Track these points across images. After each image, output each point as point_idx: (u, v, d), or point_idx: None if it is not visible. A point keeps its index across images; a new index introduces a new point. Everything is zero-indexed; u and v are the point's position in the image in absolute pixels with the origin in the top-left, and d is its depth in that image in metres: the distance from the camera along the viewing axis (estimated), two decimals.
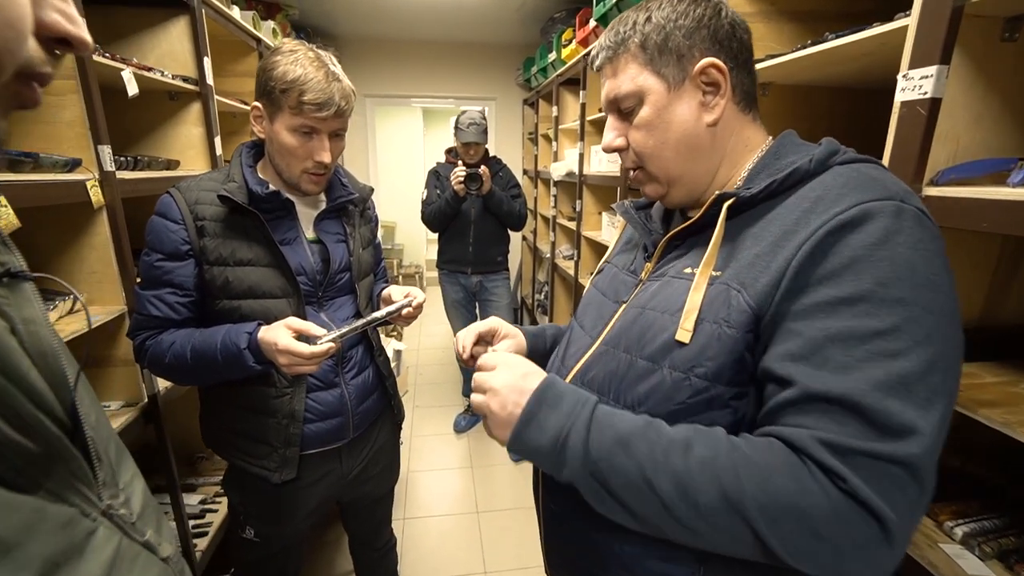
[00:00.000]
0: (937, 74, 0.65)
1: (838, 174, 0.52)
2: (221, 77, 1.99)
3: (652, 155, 0.61)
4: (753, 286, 0.50)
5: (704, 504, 0.46)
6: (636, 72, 0.59)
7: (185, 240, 0.93)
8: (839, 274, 0.46)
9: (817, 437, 0.44)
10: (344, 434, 1.08)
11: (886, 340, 0.44)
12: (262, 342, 0.88)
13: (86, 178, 1.05)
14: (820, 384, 0.44)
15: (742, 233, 0.54)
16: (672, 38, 0.57)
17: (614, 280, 0.71)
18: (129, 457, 0.45)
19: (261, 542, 1.10)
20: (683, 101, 0.58)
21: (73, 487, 0.34)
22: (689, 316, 0.53)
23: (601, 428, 0.51)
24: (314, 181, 0.99)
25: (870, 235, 0.45)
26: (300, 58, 0.90)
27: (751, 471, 0.45)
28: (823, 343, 0.45)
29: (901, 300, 0.44)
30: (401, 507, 2.18)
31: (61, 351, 0.38)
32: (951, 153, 0.72)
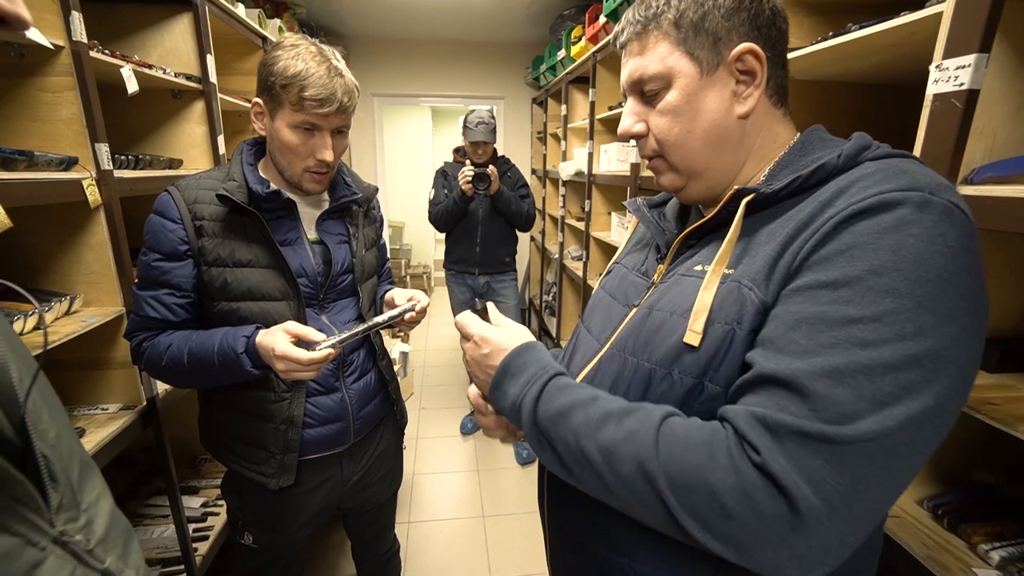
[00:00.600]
0: (976, 63, 0.60)
1: (868, 169, 0.47)
2: (226, 75, 1.98)
3: (676, 144, 0.56)
4: (766, 282, 0.47)
5: (624, 473, 0.46)
6: (667, 52, 0.54)
7: (183, 240, 0.91)
8: (831, 259, 0.43)
9: (751, 411, 0.42)
10: (345, 439, 1.05)
11: (859, 328, 0.40)
12: (260, 347, 0.85)
13: (82, 177, 1.03)
14: (773, 365, 0.43)
15: (760, 230, 0.51)
16: (710, 17, 0.52)
17: (623, 282, 0.67)
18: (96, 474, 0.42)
19: (260, 549, 1.08)
20: (715, 88, 0.53)
21: (16, 514, 0.31)
22: (698, 317, 0.49)
23: (549, 399, 0.53)
24: (316, 180, 0.96)
25: (879, 224, 0.41)
26: (302, 52, 0.87)
27: (669, 443, 0.45)
28: (791, 326, 0.43)
29: (893, 291, 0.40)
30: (406, 510, 2.16)
31: (11, 361, 0.34)
32: (987, 149, 0.67)
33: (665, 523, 0.45)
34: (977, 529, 0.74)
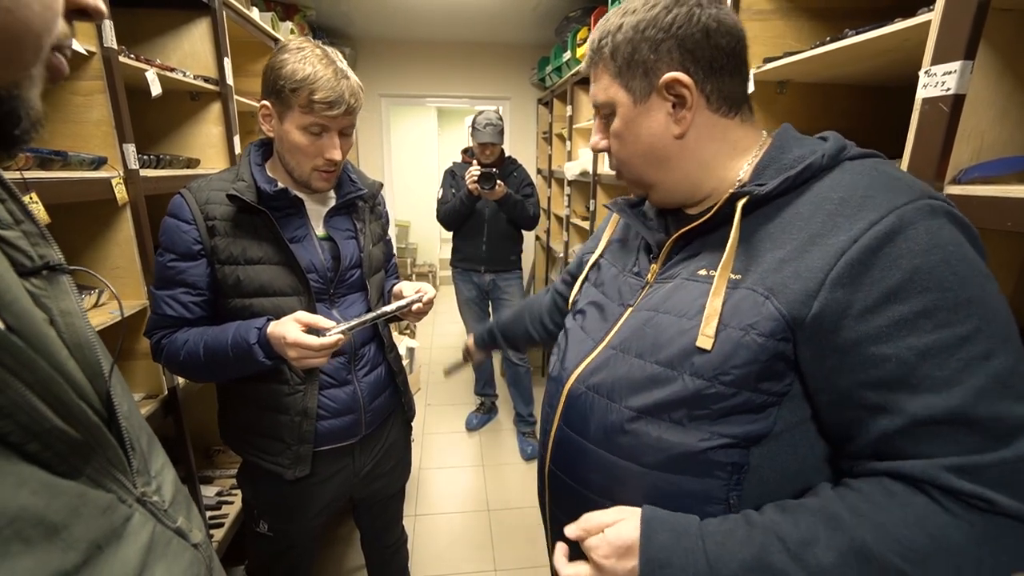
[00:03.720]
0: (961, 70, 0.63)
1: (855, 172, 0.51)
2: (240, 77, 2.03)
3: (624, 163, 0.63)
4: (784, 293, 0.49)
5: None
6: (608, 83, 0.59)
7: (197, 240, 0.94)
8: (905, 288, 0.45)
9: (942, 465, 0.43)
10: (356, 431, 1.09)
11: (974, 344, 0.43)
12: (271, 336, 0.88)
13: (111, 176, 1.08)
14: (925, 407, 0.44)
15: (758, 233, 0.53)
16: (639, 51, 0.56)
17: (615, 281, 0.69)
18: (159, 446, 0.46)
19: (274, 536, 1.12)
20: (650, 114, 0.58)
21: (111, 474, 0.35)
22: (710, 321, 0.52)
23: (724, 562, 0.48)
24: (324, 178, 0.99)
25: (917, 242, 0.45)
26: (308, 56, 0.89)
27: (888, 536, 0.44)
28: (915, 363, 0.44)
29: (972, 299, 0.44)
30: (412, 504, 2.20)
31: (96, 342, 0.39)
32: (975, 151, 0.70)
33: None
34: None
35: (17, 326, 0.32)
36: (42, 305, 0.37)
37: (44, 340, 0.34)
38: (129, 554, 0.34)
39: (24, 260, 0.37)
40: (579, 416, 0.63)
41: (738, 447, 0.52)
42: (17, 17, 0.25)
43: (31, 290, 0.37)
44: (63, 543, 0.29)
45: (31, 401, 0.29)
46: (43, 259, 0.38)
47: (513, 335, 1.10)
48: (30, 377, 0.29)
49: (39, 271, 0.38)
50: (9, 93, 0.27)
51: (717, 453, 0.52)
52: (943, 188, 0.69)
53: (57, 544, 0.29)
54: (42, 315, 0.36)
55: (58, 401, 0.31)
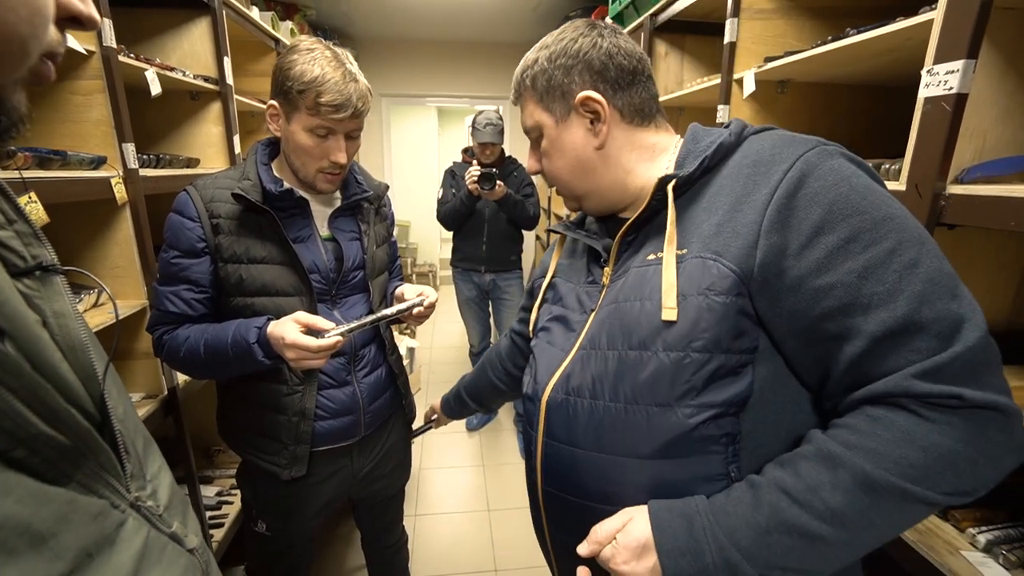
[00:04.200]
0: (964, 69, 0.63)
1: (759, 141, 0.56)
2: (240, 77, 2.03)
3: (555, 178, 0.68)
4: (728, 251, 0.52)
5: (875, 516, 0.46)
6: (532, 109, 0.66)
7: (201, 237, 0.94)
8: (828, 220, 0.49)
9: (909, 373, 0.46)
10: (355, 432, 1.08)
11: (901, 255, 0.47)
12: (271, 336, 0.88)
13: (111, 175, 1.07)
14: (879, 324, 0.46)
15: (689, 211, 0.57)
16: (554, 78, 0.63)
17: (572, 294, 0.72)
18: (156, 449, 0.46)
19: (273, 536, 1.11)
20: (571, 130, 0.64)
21: (102, 479, 0.35)
22: (669, 293, 0.54)
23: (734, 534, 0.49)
24: (329, 180, 0.99)
25: (825, 179, 0.50)
26: (318, 57, 0.89)
27: (885, 461, 0.46)
28: (858, 284, 0.47)
29: (886, 217, 0.48)
30: (413, 504, 2.19)
31: (91, 344, 0.38)
32: (977, 150, 0.70)
33: (924, 516, 0.48)
34: (966, 515, 0.76)
35: (9, 328, 0.32)
36: (35, 306, 0.36)
37: (37, 342, 0.33)
38: (122, 561, 0.33)
39: (17, 260, 0.37)
40: (563, 425, 0.63)
41: (727, 415, 0.53)
42: (2, 21, 0.25)
43: (24, 291, 0.36)
44: (50, 552, 0.28)
45: (15, 407, 0.29)
46: (36, 259, 0.38)
47: (479, 394, 1.12)
48: (14, 383, 0.29)
49: (32, 271, 0.37)
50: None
51: (709, 427, 0.53)
52: (945, 187, 0.69)
53: (44, 554, 0.28)
54: (35, 316, 0.36)
55: (45, 406, 0.31)
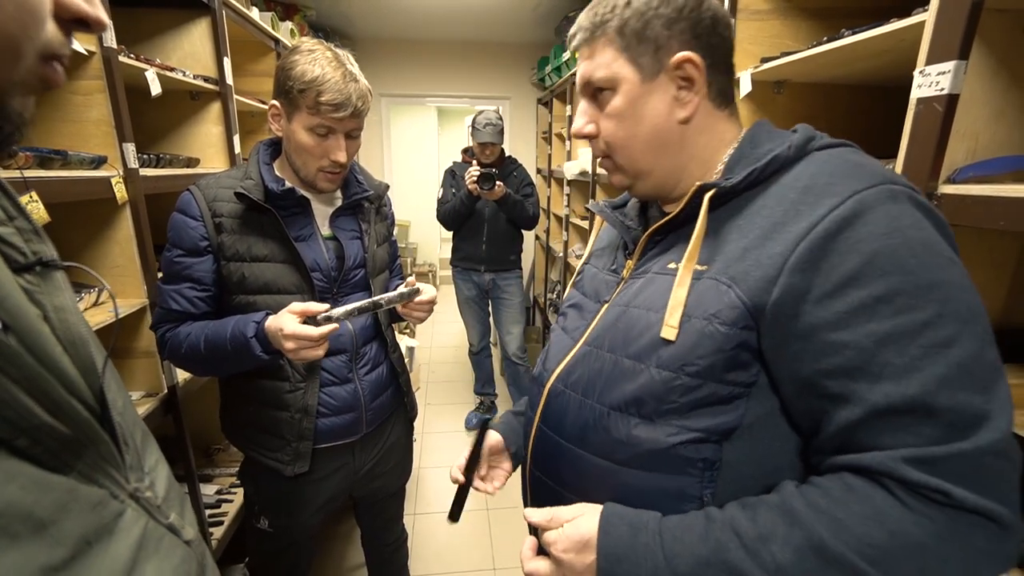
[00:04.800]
0: (955, 70, 0.63)
1: (820, 161, 0.51)
2: (240, 77, 2.03)
3: (621, 146, 0.59)
4: (745, 280, 0.48)
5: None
6: (612, 58, 0.56)
7: (204, 236, 0.96)
8: (864, 272, 0.43)
9: (900, 456, 0.42)
10: (357, 429, 1.09)
11: (935, 330, 0.42)
12: (268, 330, 0.89)
13: (111, 175, 1.08)
14: (884, 396, 0.42)
15: (726, 225, 0.53)
16: (651, 27, 0.54)
17: (594, 280, 0.69)
18: (154, 443, 0.47)
19: (275, 532, 1.12)
20: (656, 94, 0.56)
21: (102, 470, 0.35)
22: (674, 312, 0.52)
23: (679, 558, 0.47)
24: (329, 179, 1.00)
25: (877, 225, 0.44)
26: (318, 58, 0.91)
27: (847, 533, 0.42)
28: (874, 350, 0.43)
29: (933, 283, 0.42)
30: (412, 503, 2.20)
31: (90, 338, 0.39)
32: (970, 150, 0.71)
33: None
34: None
35: (10, 322, 0.32)
36: (36, 301, 0.37)
37: (38, 336, 0.34)
38: (120, 550, 0.34)
39: (18, 256, 0.37)
40: (556, 415, 0.63)
41: (709, 442, 0.51)
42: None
43: (25, 286, 0.37)
44: (51, 538, 0.29)
45: (18, 397, 0.29)
46: (36, 255, 0.38)
47: None
48: (17, 374, 0.29)
49: (33, 267, 0.38)
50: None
51: (687, 448, 0.51)
52: (937, 187, 0.70)
53: (45, 539, 0.29)
54: (36, 311, 0.36)
55: (47, 397, 0.31)
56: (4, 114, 0.28)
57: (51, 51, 0.29)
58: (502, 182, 2.29)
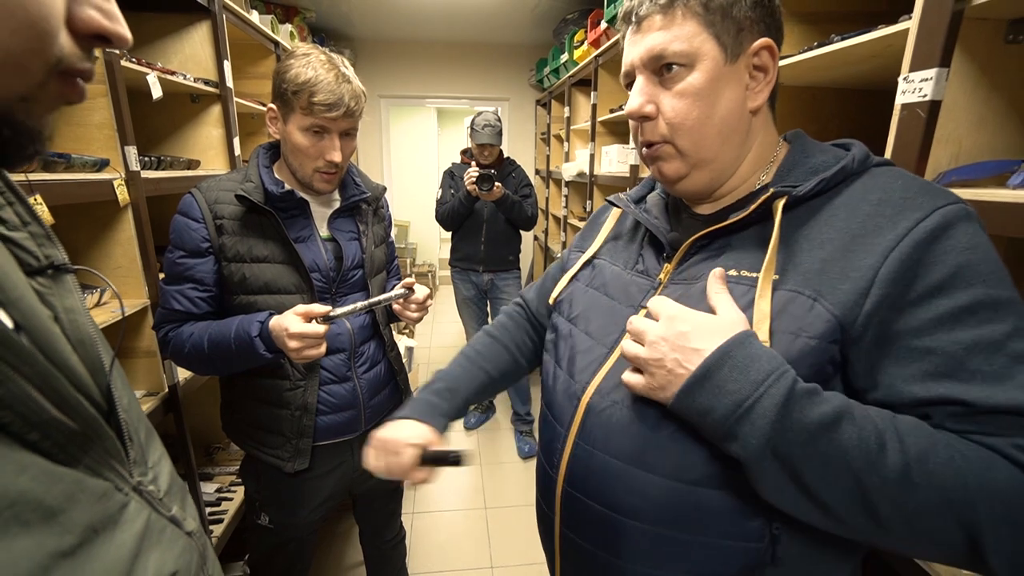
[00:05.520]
0: (936, 77, 0.65)
1: (886, 176, 0.51)
2: (240, 79, 2.05)
3: (691, 129, 0.54)
4: (833, 294, 0.47)
5: (920, 503, 0.42)
6: (694, 31, 0.52)
7: (205, 238, 0.98)
8: (950, 283, 0.45)
9: (1012, 443, 0.42)
10: (356, 427, 1.11)
11: (1015, 341, 0.44)
12: (272, 330, 0.91)
13: (113, 177, 1.10)
14: (985, 398, 0.43)
15: (792, 234, 0.51)
16: (738, 5, 0.51)
17: (619, 281, 0.65)
18: (157, 439, 0.48)
19: (275, 529, 1.14)
20: (734, 78, 0.53)
21: (108, 464, 0.37)
22: (761, 326, 0.49)
23: (803, 409, 0.44)
24: (325, 180, 1.02)
25: (960, 240, 0.45)
26: (312, 61, 0.94)
27: (974, 472, 0.41)
28: (963, 356, 0.44)
29: (1009, 300, 0.45)
30: (410, 502, 2.22)
31: (98, 338, 0.41)
32: (953, 155, 0.72)
33: (950, 553, 0.43)
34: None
35: (23, 322, 0.34)
36: (47, 303, 0.38)
37: (49, 336, 0.36)
38: (124, 539, 0.36)
39: (31, 260, 0.39)
40: (602, 432, 0.57)
41: None
42: None
43: (37, 288, 0.38)
44: (60, 527, 0.31)
45: (30, 393, 0.31)
46: (48, 259, 0.40)
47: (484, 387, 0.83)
48: (29, 371, 0.31)
49: (45, 270, 0.39)
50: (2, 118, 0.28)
51: None
52: None
53: (55, 527, 0.30)
54: (47, 312, 0.38)
55: (56, 394, 0.33)
56: (16, 129, 0.29)
57: (67, 67, 0.30)
58: (501, 183, 2.31)
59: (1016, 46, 0.68)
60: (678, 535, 0.52)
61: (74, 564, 0.31)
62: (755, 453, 0.45)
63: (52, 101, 0.30)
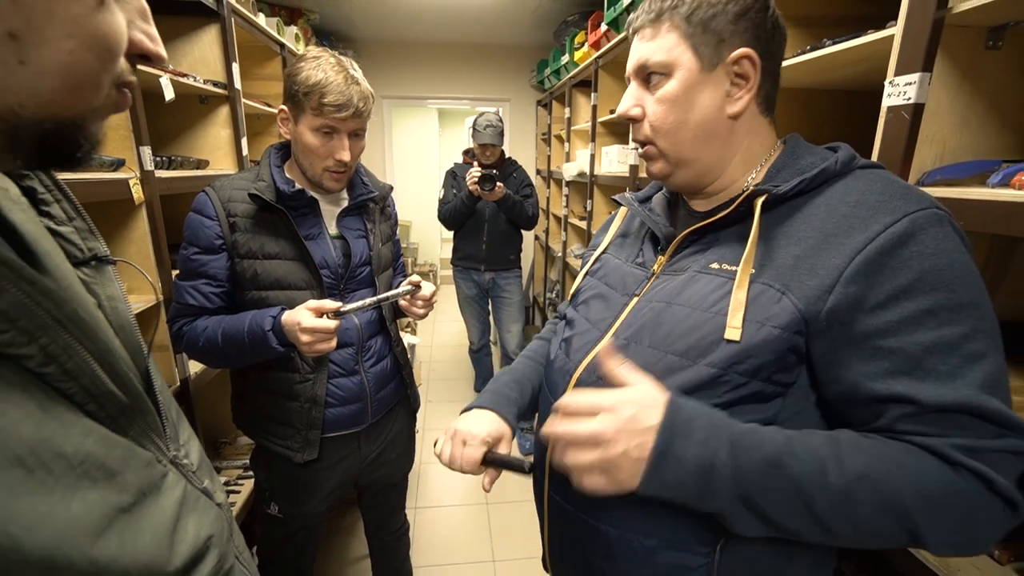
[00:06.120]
0: (920, 81, 0.69)
1: (867, 179, 0.54)
2: (245, 81, 2.08)
3: (668, 132, 0.60)
4: (800, 289, 0.51)
5: (863, 514, 0.48)
6: (674, 43, 0.57)
7: (219, 235, 1.01)
8: (914, 288, 0.48)
9: (952, 444, 0.47)
10: (363, 419, 1.14)
11: (971, 343, 0.47)
12: (285, 324, 0.94)
13: (129, 177, 1.13)
14: (935, 396, 0.47)
15: (772, 231, 0.55)
16: (718, 19, 0.56)
17: (618, 272, 0.70)
18: (185, 421, 0.52)
19: (284, 518, 1.17)
20: (711, 85, 0.57)
21: (149, 437, 0.41)
22: (736, 313, 0.53)
23: (747, 451, 0.49)
24: (335, 179, 1.05)
25: (927, 246, 0.48)
26: (322, 63, 0.97)
27: (907, 478, 0.47)
28: (921, 356, 0.47)
29: (971, 303, 0.48)
30: (413, 497, 2.25)
31: (135, 325, 0.45)
32: (938, 155, 0.76)
33: (886, 544, 0.49)
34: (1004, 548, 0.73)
35: None
36: (92, 291, 0.42)
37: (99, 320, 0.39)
38: (167, 504, 0.39)
39: (76, 252, 0.43)
40: None
41: None
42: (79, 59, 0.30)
43: (82, 278, 0.42)
44: (119, 485, 0.34)
45: (92, 367, 0.34)
46: (92, 251, 0.44)
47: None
48: (92, 347, 0.35)
49: (88, 261, 0.43)
50: (74, 124, 0.32)
51: None
52: None
53: (114, 486, 0.34)
54: (92, 300, 0.42)
55: (112, 369, 0.36)
56: (85, 136, 0.33)
57: (123, 80, 0.34)
58: (502, 183, 2.34)
59: (996, 52, 0.72)
60: (649, 502, 0.55)
61: (130, 519, 0.34)
62: (730, 505, 0.49)
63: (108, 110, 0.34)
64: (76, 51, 0.30)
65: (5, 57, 0.27)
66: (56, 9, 0.28)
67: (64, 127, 0.31)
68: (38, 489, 0.28)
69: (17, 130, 0.29)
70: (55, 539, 0.28)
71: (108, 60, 0.32)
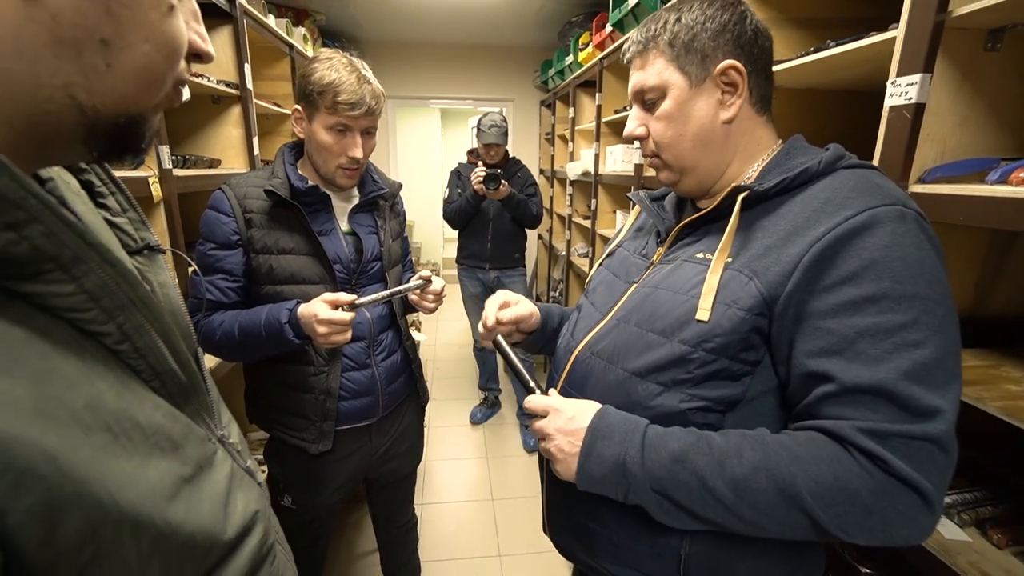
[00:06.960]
0: (921, 82, 0.71)
1: (844, 178, 0.57)
2: (256, 81, 2.11)
3: (669, 145, 0.66)
4: (764, 275, 0.55)
5: (763, 502, 0.52)
6: (662, 67, 0.64)
7: (235, 231, 1.04)
8: (860, 275, 0.51)
9: (857, 427, 0.50)
10: (374, 412, 1.17)
11: (908, 332, 0.49)
12: (301, 316, 0.97)
13: (148, 175, 1.16)
14: (854, 377, 0.50)
15: (754, 225, 0.60)
16: (698, 39, 0.62)
17: (625, 262, 0.76)
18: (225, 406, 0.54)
19: (297, 510, 1.20)
20: (702, 98, 0.63)
21: (200, 415, 0.43)
22: (707, 296, 0.58)
23: (655, 448, 0.56)
24: (347, 175, 1.08)
25: (882, 238, 0.51)
26: (335, 64, 1.00)
27: (801, 466, 0.51)
28: (854, 339, 0.51)
29: (916, 295, 0.50)
30: (420, 493, 2.27)
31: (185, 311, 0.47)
32: (938, 153, 0.78)
33: (807, 532, 0.52)
34: None
35: None
36: (145, 278, 0.45)
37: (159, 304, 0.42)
38: (219, 478, 0.42)
39: (130, 241, 0.46)
40: (580, 377, 0.70)
41: (714, 411, 0.59)
42: (151, 60, 0.33)
43: (136, 266, 0.45)
44: (182, 457, 0.37)
45: (159, 346, 0.37)
46: (144, 241, 0.46)
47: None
48: (159, 327, 0.37)
49: (141, 251, 0.46)
50: (143, 118, 0.35)
51: (695, 415, 0.59)
52: (908, 187, 0.77)
53: (178, 457, 0.36)
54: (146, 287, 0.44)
55: (174, 349, 0.39)
56: (147, 129, 0.36)
57: (180, 78, 0.37)
58: (507, 182, 2.37)
59: (995, 53, 0.74)
60: None
61: (191, 490, 0.37)
62: (645, 495, 0.57)
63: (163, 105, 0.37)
64: (150, 53, 0.32)
65: (95, 61, 0.30)
66: (138, 16, 0.31)
67: (134, 122, 0.34)
68: (122, 453, 0.31)
69: (96, 125, 0.32)
70: (139, 499, 0.31)
71: (174, 60, 0.35)
